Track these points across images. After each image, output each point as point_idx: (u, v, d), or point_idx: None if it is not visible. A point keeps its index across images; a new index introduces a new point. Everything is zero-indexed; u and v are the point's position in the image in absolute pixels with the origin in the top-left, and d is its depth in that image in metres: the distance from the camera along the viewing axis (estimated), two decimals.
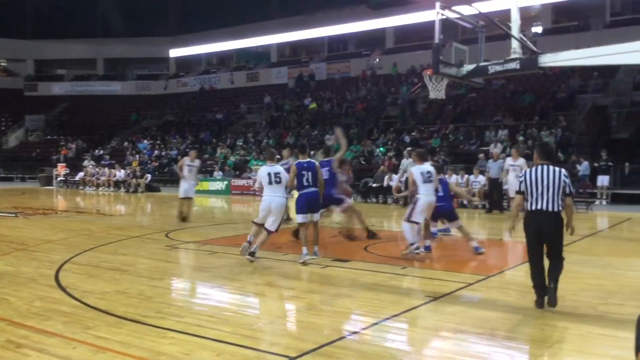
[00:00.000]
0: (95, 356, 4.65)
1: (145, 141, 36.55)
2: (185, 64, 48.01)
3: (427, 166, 9.09)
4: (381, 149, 25.12)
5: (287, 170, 9.19)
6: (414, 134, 25.84)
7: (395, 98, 31.43)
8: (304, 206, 8.81)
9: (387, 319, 5.68)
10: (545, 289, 5.87)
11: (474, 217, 15.52)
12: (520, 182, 6.07)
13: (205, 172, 28.86)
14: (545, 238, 5.89)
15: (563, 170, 6.01)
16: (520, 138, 21.94)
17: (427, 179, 8.90)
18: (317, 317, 5.88)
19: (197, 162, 14.52)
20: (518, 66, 8.71)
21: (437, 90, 9.75)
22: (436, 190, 9.04)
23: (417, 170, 8.97)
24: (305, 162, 8.82)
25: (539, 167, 5.97)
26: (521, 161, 15.00)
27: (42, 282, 7.33)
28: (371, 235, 10.89)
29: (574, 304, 6.24)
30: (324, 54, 41.51)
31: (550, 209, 5.83)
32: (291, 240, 10.64)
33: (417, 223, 8.87)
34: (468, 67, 9.35)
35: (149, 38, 45.66)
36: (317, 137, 29.97)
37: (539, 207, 5.85)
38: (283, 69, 41.05)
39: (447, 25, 9.32)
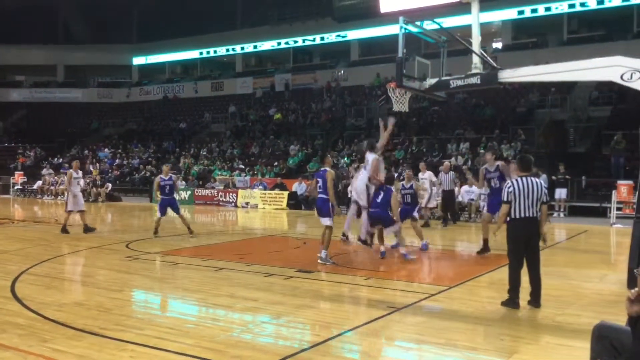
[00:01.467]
0: None
1: (107, 150, 35.88)
2: (149, 72, 47.41)
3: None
4: (345, 159, 25.27)
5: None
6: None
7: (359, 110, 31.70)
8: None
9: (350, 330, 5.70)
10: (519, 291, 6.47)
11: (436, 228, 15.71)
12: (509, 192, 6.49)
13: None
14: (529, 242, 6.47)
15: (542, 181, 6.67)
16: (482, 150, 22.39)
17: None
18: (280, 329, 5.86)
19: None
20: (479, 81, 8.89)
21: (400, 103, 9.87)
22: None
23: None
24: (321, 170, 9.75)
25: (525, 179, 6.53)
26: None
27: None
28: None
29: (532, 314, 6.38)
30: (289, 64, 41.62)
31: (534, 215, 6.46)
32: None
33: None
34: (431, 81, 9.50)
35: (111, 45, 44.90)
36: (280, 147, 29.97)
37: (527, 214, 6.42)
38: (248, 79, 40.93)
39: (411, 39, 9.46)
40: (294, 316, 6.23)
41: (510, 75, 8.69)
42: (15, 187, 30.56)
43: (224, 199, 24.61)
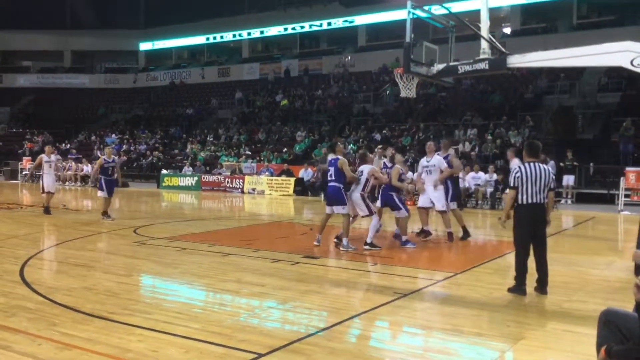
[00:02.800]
0: (61, 353, 4.58)
1: (114, 135, 35.97)
2: (155, 57, 47.36)
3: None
4: (352, 146, 25.23)
5: None
6: (384, 131, 26.01)
7: (367, 96, 31.60)
8: (327, 199, 9.91)
9: (357, 315, 5.73)
10: (526, 277, 6.46)
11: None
12: (517, 178, 6.46)
13: (175, 167, 28.57)
14: (538, 229, 6.47)
15: (549, 167, 6.67)
16: (489, 137, 22.29)
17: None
18: (286, 314, 5.89)
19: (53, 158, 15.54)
20: (487, 66, 8.80)
21: (408, 89, 9.82)
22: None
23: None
24: (332, 159, 9.71)
25: (532, 164, 6.50)
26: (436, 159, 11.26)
27: (6, 278, 7.17)
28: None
29: (539, 300, 6.38)
30: (296, 50, 41.44)
31: (541, 201, 6.44)
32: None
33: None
34: (438, 67, 9.42)
35: (118, 30, 44.88)
36: (287, 133, 29.93)
37: (534, 200, 6.39)
38: (255, 65, 40.84)
39: (418, 24, 9.38)
40: (301, 301, 6.25)
41: (518, 60, 8.60)
42: (24, 173, 30.73)
43: (231, 185, 24.67)
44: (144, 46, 46.38)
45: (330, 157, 10.12)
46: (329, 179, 9.64)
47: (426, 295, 6.64)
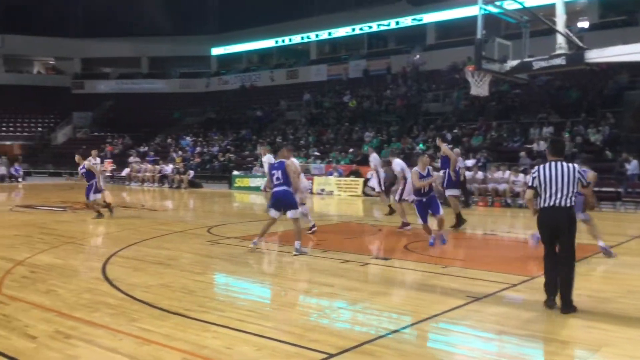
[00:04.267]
0: (140, 348, 4.77)
1: (188, 138, 37.16)
2: (227, 62, 48.55)
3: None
4: (421, 145, 24.89)
5: None
6: (455, 130, 25.50)
7: (436, 95, 31.11)
8: (276, 203, 9.33)
9: (428, 318, 5.64)
10: (556, 289, 5.83)
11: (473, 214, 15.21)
12: (534, 178, 6.02)
13: (245, 168, 29.19)
14: (559, 234, 5.87)
15: (576, 166, 6.01)
16: (566, 135, 21.42)
17: None
18: (356, 315, 5.88)
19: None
20: (564, 62, 8.47)
21: (479, 87, 9.59)
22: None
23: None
24: (277, 163, 9.37)
25: (553, 163, 5.94)
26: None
27: (90, 275, 7.56)
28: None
29: (621, 306, 6.07)
30: (363, 50, 41.36)
31: (564, 204, 5.82)
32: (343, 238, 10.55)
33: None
34: (512, 63, 9.14)
35: (191, 37, 46.34)
36: (355, 134, 29.91)
37: (552, 203, 5.84)
38: (322, 67, 41.09)
39: (490, 20, 9.14)
40: (371, 303, 6.23)
41: (597, 55, 8.22)
42: (105, 174, 32.31)
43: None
44: (216, 51, 47.65)
45: (276, 160, 9.75)
46: (276, 182, 9.21)
47: (501, 299, 6.46)
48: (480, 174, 18.85)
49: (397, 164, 12.50)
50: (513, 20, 9.43)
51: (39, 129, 43.25)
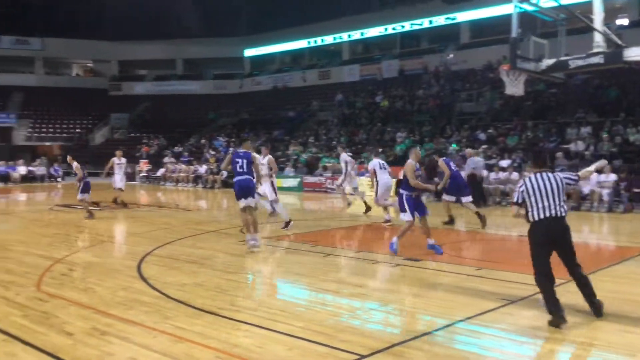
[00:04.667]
0: (174, 346, 4.85)
1: (221, 138, 37.56)
2: (259, 63, 48.91)
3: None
4: (454, 145, 24.61)
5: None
6: (490, 130, 25.15)
7: (470, 94, 30.73)
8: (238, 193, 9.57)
9: (460, 321, 5.58)
10: (559, 303, 5.55)
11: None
12: (521, 192, 5.78)
13: (278, 169, 29.36)
14: (560, 245, 5.69)
15: (560, 174, 5.85)
16: (605, 135, 20.91)
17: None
18: (388, 316, 5.86)
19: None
20: (602, 60, 8.29)
21: (514, 86, 9.45)
22: None
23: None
24: (244, 152, 9.60)
25: (539, 175, 5.74)
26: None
27: (126, 273, 7.71)
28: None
29: None
30: (396, 50, 41.14)
31: (559, 214, 5.64)
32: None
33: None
34: (548, 62, 9.00)
35: (225, 38, 46.82)
36: (389, 134, 29.78)
37: (549, 214, 5.63)
38: (355, 67, 41.03)
39: (525, 18, 9.01)
40: (402, 304, 6.21)
41: (637, 53, 8.02)
42: (141, 174, 32.92)
43: (332, 186, 24.92)
44: (249, 52, 48.05)
45: (240, 150, 9.75)
46: (239, 170, 9.36)
47: (535, 302, 6.34)
48: (515, 175, 18.52)
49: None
50: (549, 18, 9.27)
51: (78, 130, 44.30)
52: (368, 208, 15.08)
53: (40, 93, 44.33)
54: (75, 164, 14.75)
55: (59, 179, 33.41)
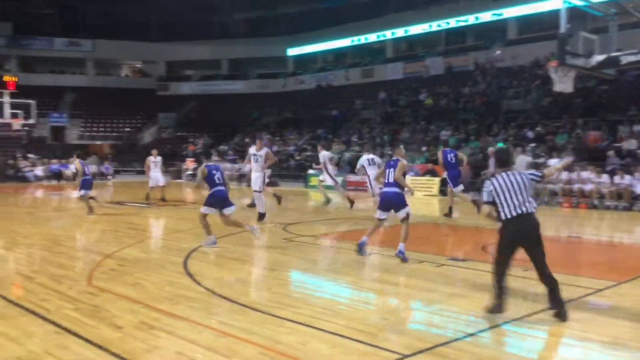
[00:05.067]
0: (218, 341, 4.94)
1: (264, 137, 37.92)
2: (303, 62, 49.13)
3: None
4: (500, 144, 24.14)
5: None
6: (537, 129, 24.55)
7: (517, 92, 30.07)
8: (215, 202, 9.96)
9: (506, 322, 5.49)
10: (506, 292, 5.75)
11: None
12: (489, 192, 5.77)
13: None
14: (531, 242, 5.68)
15: (525, 172, 5.95)
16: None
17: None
18: (432, 317, 5.81)
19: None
20: None
21: (563, 83, 9.21)
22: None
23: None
24: (214, 165, 10.11)
25: (504, 174, 5.78)
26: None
27: (172, 269, 7.89)
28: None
29: None
30: (440, 47, 40.61)
31: (529, 211, 5.64)
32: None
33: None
34: (598, 58, 8.74)
35: (268, 38, 47.22)
36: (431, 132, 29.45)
37: (520, 211, 5.62)
38: (398, 65, 40.70)
39: (575, 13, 8.77)
40: (447, 304, 6.14)
41: None
42: (187, 173, 33.57)
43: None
44: (292, 52, 48.33)
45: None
46: (218, 182, 9.75)
47: (584, 304, 6.18)
48: (564, 174, 18.05)
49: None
50: (599, 13, 8.99)
51: (127, 129, 45.53)
52: (351, 202, 16.01)
53: (91, 93, 45.77)
54: (75, 162, 15.14)
55: (109, 177, 34.42)
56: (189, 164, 34.18)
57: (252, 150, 13.83)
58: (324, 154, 16.56)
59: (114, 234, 11.42)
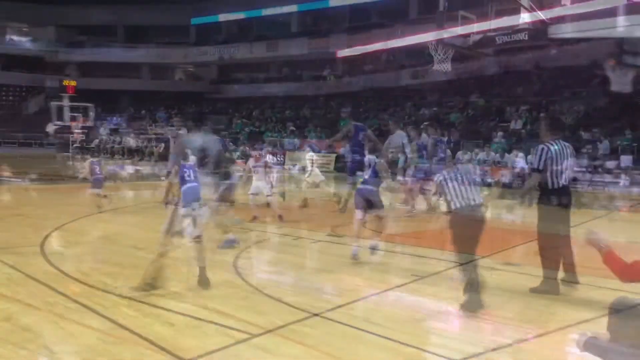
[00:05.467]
0: (269, 340, 5.02)
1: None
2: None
3: None
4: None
5: None
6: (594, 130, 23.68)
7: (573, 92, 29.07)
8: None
9: (560, 329, 5.34)
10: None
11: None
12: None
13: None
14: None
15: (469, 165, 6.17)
16: None
17: None
18: (482, 321, 5.70)
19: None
20: None
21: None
22: None
23: None
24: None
25: (450, 171, 6.02)
26: None
27: (222, 267, 7.96)
28: None
29: None
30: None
31: (478, 201, 5.94)
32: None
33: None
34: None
35: (321, 39, 46.85)
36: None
37: (467, 203, 5.88)
38: None
39: None
40: (498, 309, 6.01)
41: None
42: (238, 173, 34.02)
43: (427, 187, 24.39)
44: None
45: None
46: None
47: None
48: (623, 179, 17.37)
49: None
50: None
51: (180, 132, 46.47)
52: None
53: (146, 97, 47.06)
54: (87, 162, 15.48)
55: (162, 178, 35.28)
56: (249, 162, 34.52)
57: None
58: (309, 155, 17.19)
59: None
